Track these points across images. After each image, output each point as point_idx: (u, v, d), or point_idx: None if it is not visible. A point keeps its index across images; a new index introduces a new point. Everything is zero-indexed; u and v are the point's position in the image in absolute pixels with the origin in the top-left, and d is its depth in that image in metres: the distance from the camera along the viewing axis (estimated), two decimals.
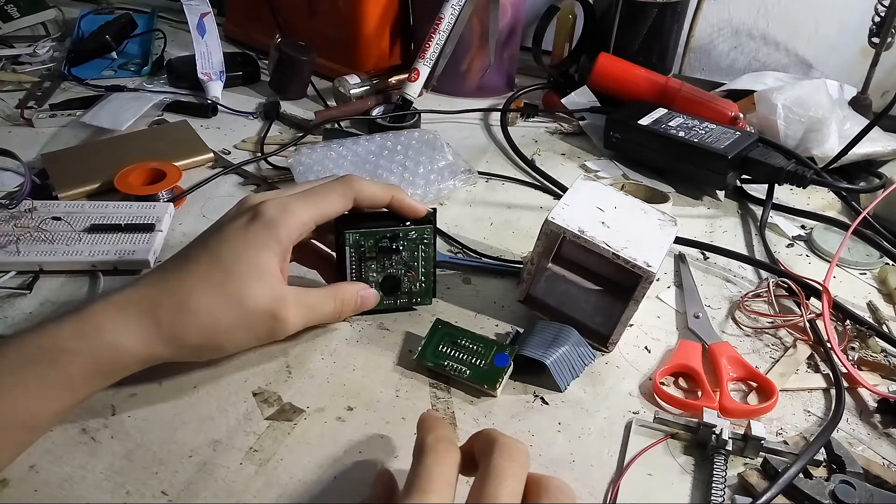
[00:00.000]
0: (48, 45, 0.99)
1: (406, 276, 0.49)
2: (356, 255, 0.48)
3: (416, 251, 0.49)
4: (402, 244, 0.48)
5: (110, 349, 0.37)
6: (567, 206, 0.49)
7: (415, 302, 0.51)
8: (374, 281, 0.49)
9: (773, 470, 0.40)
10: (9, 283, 0.53)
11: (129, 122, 0.76)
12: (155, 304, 0.38)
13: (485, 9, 0.86)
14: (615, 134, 0.76)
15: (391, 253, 0.48)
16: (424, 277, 0.50)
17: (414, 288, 0.50)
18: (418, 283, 0.50)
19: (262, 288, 0.40)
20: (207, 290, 0.39)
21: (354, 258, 0.48)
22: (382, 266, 0.49)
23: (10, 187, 0.64)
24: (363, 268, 0.49)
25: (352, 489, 0.38)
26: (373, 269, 0.49)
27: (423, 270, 0.50)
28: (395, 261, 0.49)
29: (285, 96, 0.88)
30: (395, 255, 0.48)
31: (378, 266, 0.49)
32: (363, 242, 0.48)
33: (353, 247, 0.48)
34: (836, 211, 0.71)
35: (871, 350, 0.50)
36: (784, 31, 0.94)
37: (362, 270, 0.49)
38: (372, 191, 0.46)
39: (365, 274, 0.49)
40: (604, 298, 0.52)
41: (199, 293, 0.39)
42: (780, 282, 0.55)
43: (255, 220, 0.41)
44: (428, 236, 0.49)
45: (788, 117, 0.74)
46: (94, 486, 0.37)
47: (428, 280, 0.50)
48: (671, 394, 0.45)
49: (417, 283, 0.50)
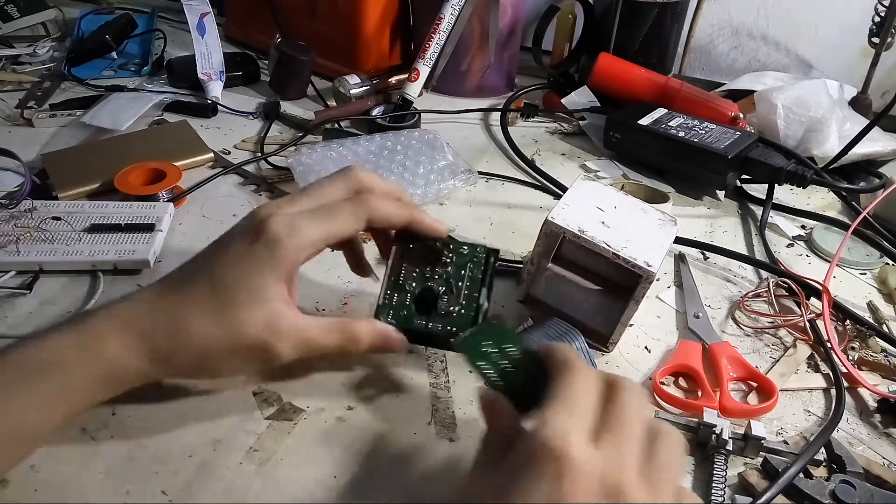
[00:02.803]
0: (48, 45, 0.99)
1: (445, 294, 0.44)
2: (401, 256, 0.44)
3: (464, 270, 0.44)
4: (450, 257, 0.44)
5: (110, 365, 0.37)
6: (567, 206, 0.49)
7: (452, 332, 0.43)
8: (411, 292, 0.44)
9: (773, 470, 0.40)
10: (9, 283, 0.53)
11: (129, 122, 0.76)
12: (153, 325, 0.38)
13: (485, 9, 0.86)
14: (615, 134, 0.76)
15: (437, 261, 0.44)
16: (465, 302, 0.43)
17: (453, 312, 0.43)
18: (458, 309, 0.43)
19: (257, 316, 0.38)
20: (204, 315, 0.38)
21: (397, 260, 0.44)
22: (423, 276, 0.44)
23: (10, 187, 0.64)
24: (403, 273, 0.44)
25: (352, 489, 0.38)
26: (413, 278, 0.44)
27: (466, 293, 0.44)
28: (437, 273, 0.44)
29: (285, 96, 0.88)
30: (440, 268, 0.44)
31: (419, 275, 0.44)
32: (412, 243, 0.44)
33: (400, 251, 0.44)
34: (836, 211, 0.71)
35: (871, 350, 0.50)
36: (784, 31, 0.94)
37: (401, 276, 0.44)
38: (387, 211, 0.42)
39: (404, 282, 0.44)
40: (604, 298, 0.52)
41: (195, 318, 0.38)
42: (780, 282, 0.55)
43: (259, 238, 0.38)
44: (479, 257, 0.44)
45: (788, 117, 0.74)
46: (94, 486, 0.37)
47: (469, 307, 0.43)
48: (671, 394, 0.45)
49: (458, 306, 0.43)
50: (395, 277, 0.44)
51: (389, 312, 0.43)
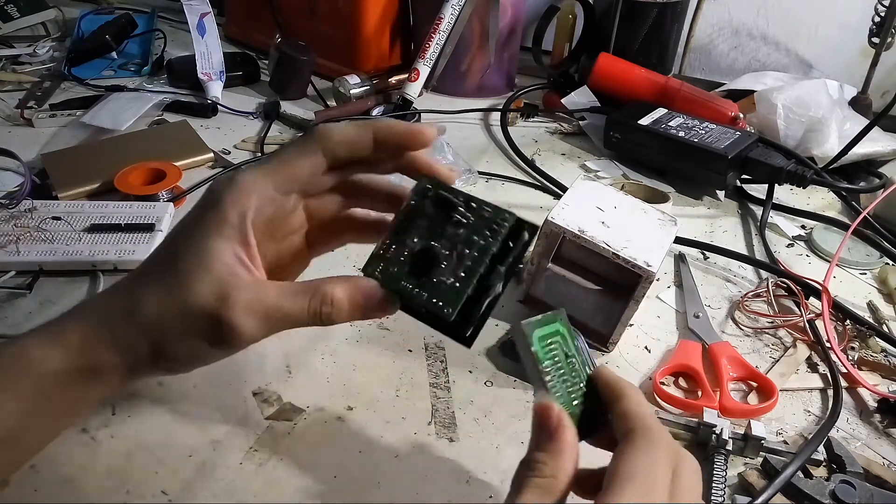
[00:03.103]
0: (48, 45, 0.99)
1: (446, 260, 0.35)
2: (412, 208, 0.36)
3: (478, 236, 0.35)
4: (469, 218, 0.35)
5: (75, 355, 0.34)
6: (567, 206, 0.49)
7: (435, 304, 0.34)
8: (410, 248, 0.36)
9: (772, 469, 0.40)
10: (9, 283, 0.53)
11: (129, 122, 0.76)
12: (110, 308, 0.35)
13: (485, 9, 0.86)
14: (615, 134, 0.76)
15: (448, 220, 0.36)
16: (464, 275, 0.34)
17: (445, 283, 0.35)
18: (452, 280, 0.35)
19: (204, 282, 0.33)
20: (156, 290, 0.34)
21: (404, 213, 0.37)
22: (431, 234, 0.36)
23: (10, 187, 0.64)
24: (410, 227, 0.36)
25: (352, 489, 0.38)
26: (420, 234, 0.36)
27: (469, 265, 0.35)
28: (447, 235, 0.35)
29: (285, 96, 0.88)
30: (451, 228, 0.35)
31: (427, 231, 0.36)
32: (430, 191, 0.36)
33: (416, 196, 0.37)
34: (836, 211, 0.71)
35: (871, 350, 0.50)
36: (784, 31, 0.94)
37: (408, 229, 0.36)
38: (345, 135, 0.36)
39: (406, 235, 0.36)
40: (604, 298, 0.52)
41: (148, 294, 0.34)
42: (780, 282, 0.55)
43: (205, 201, 0.35)
44: (502, 225, 0.35)
45: (788, 117, 0.74)
46: (94, 486, 0.37)
47: (466, 283, 0.34)
48: (671, 394, 0.45)
49: (453, 278, 0.35)
50: (400, 229, 0.37)
51: (379, 266, 0.36)
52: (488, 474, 0.40)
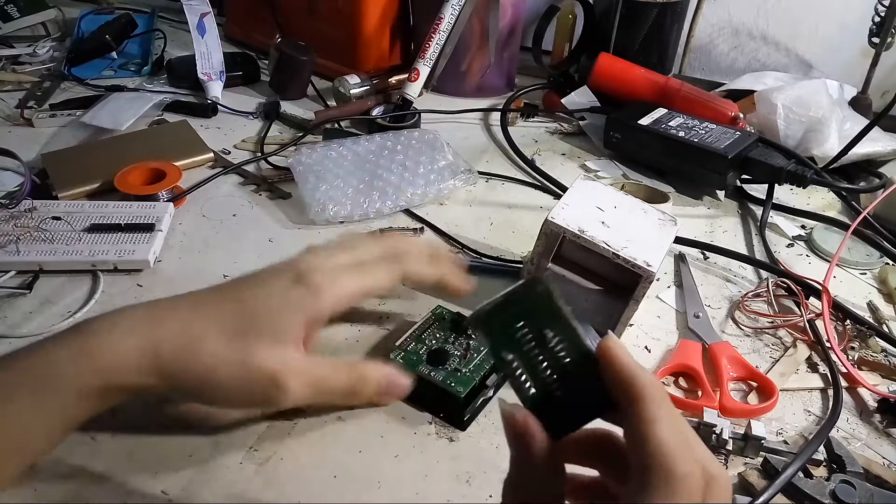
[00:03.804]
0: (48, 45, 0.99)
1: (456, 357, 0.44)
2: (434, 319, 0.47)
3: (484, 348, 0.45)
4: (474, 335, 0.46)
5: (108, 375, 0.35)
6: (567, 205, 0.49)
7: (449, 385, 0.42)
8: (427, 347, 0.45)
9: (773, 469, 0.40)
10: (9, 283, 0.53)
11: (129, 122, 0.76)
12: (161, 335, 0.36)
13: (485, 9, 0.86)
14: (615, 134, 0.76)
15: (462, 333, 0.46)
16: (473, 367, 0.44)
17: (458, 371, 0.43)
18: (463, 370, 0.43)
19: (274, 350, 0.37)
20: (220, 336, 0.37)
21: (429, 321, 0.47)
22: (446, 340, 0.46)
23: (10, 187, 0.64)
24: (428, 331, 0.47)
25: (352, 489, 0.38)
26: (436, 337, 0.46)
27: (477, 363, 0.44)
28: (460, 342, 0.46)
29: (285, 96, 0.88)
30: (464, 339, 0.46)
31: (442, 337, 0.46)
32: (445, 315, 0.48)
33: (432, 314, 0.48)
34: (836, 211, 0.71)
35: (872, 350, 0.50)
36: (784, 31, 0.94)
37: (425, 332, 0.47)
38: (420, 271, 0.45)
39: (425, 337, 0.46)
40: (604, 298, 0.52)
41: (212, 337, 0.36)
42: (780, 282, 0.55)
43: (301, 283, 0.39)
44: None
45: (788, 117, 0.74)
46: (94, 486, 0.37)
47: (474, 374, 0.43)
48: (671, 393, 0.45)
49: (465, 368, 0.44)
50: (420, 332, 0.46)
51: (400, 354, 0.45)
52: (488, 474, 0.40)
